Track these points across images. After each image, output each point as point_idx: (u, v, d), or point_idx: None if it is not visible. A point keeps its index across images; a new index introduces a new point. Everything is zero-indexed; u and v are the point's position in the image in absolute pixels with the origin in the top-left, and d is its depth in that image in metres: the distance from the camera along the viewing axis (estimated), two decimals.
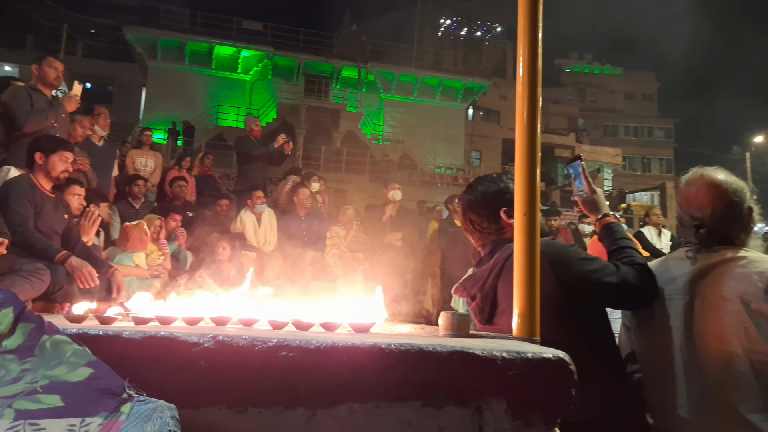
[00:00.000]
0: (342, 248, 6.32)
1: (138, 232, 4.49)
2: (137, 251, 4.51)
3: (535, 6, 1.40)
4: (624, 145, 33.92)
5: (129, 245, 4.48)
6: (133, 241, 4.46)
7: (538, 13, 1.40)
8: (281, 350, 0.94)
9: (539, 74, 1.38)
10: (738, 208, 1.62)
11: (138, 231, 4.50)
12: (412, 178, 20.71)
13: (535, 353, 1.02)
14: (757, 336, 1.44)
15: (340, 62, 24.64)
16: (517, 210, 1.33)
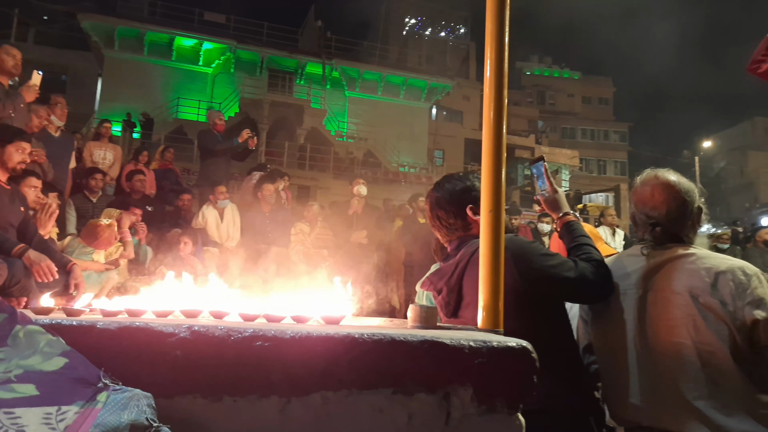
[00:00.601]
0: (306, 245, 6.31)
1: (109, 233, 4.36)
2: (102, 249, 4.38)
3: (502, 11, 1.45)
4: (581, 148, 34.88)
5: (96, 244, 4.34)
6: (101, 241, 4.33)
7: (505, 18, 1.45)
8: (256, 340, 0.96)
9: (505, 77, 1.44)
10: (689, 207, 1.72)
11: (109, 232, 4.37)
12: (376, 176, 20.76)
13: (500, 342, 1.07)
14: (704, 328, 1.53)
15: (305, 58, 24.44)
16: (483, 207, 1.39)
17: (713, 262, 1.60)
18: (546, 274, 1.62)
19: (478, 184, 1.77)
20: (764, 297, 1.53)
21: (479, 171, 1.53)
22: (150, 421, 0.82)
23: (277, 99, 22.93)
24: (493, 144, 1.38)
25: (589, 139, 38.94)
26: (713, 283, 1.55)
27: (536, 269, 1.62)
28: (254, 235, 6.06)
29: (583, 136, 39.06)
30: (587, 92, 41.51)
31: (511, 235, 1.68)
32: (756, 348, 1.52)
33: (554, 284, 1.63)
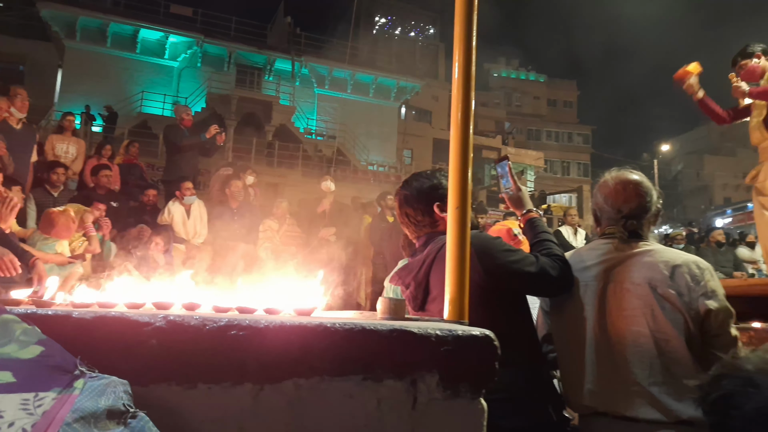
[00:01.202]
0: (275, 242, 6.29)
1: (65, 219, 4.26)
2: (62, 239, 4.28)
3: (470, 14, 1.50)
4: (546, 149, 35.60)
5: (54, 232, 4.24)
6: (58, 228, 4.23)
7: (473, 21, 1.51)
8: (231, 329, 0.99)
9: (473, 79, 1.50)
10: (650, 206, 1.83)
11: (65, 218, 4.27)
12: (345, 174, 20.73)
13: (465, 331, 1.13)
14: (661, 317, 1.64)
15: (274, 54, 24.21)
16: (450, 204, 1.44)
17: (670, 256, 1.71)
18: (508, 269, 1.69)
19: (445, 182, 1.84)
20: (716, 289, 1.65)
21: (446, 169, 1.59)
22: (127, 406, 0.84)
23: (245, 95, 22.67)
24: (460, 143, 1.44)
25: (553, 141, 39.79)
26: (671, 275, 1.66)
27: (499, 264, 1.69)
28: (222, 232, 6.01)
29: (548, 138, 39.89)
30: (552, 95, 42.39)
31: (476, 232, 1.75)
32: (707, 336, 1.63)
33: (516, 278, 1.70)
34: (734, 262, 8.21)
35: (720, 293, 1.65)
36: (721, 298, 1.65)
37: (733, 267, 8.05)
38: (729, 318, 1.65)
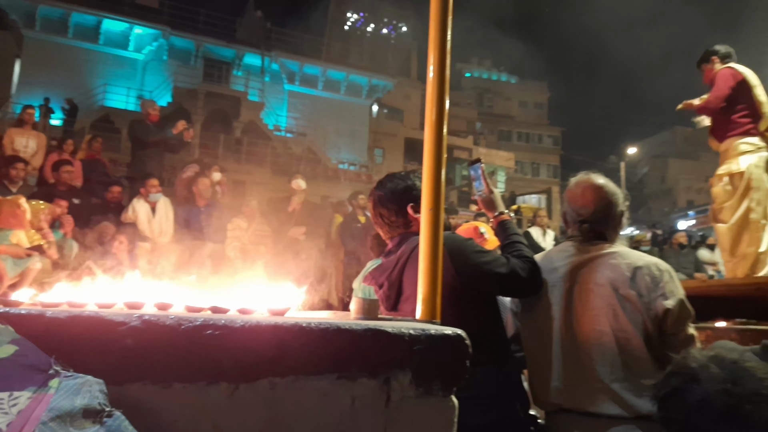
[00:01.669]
0: (243, 241, 6.23)
1: (9, 206, 4.10)
2: (11, 228, 4.12)
3: (444, 16, 1.53)
4: (516, 150, 36.12)
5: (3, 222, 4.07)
6: (4, 216, 4.06)
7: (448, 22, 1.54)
8: (207, 329, 1.00)
9: (447, 82, 1.53)
10: (614, 210, 1.90)
11: (10, 205, 4.11)
12: (315, 172, 20.63)
13: (438, 330, 1.16)
14: (622, 316, 1.72)
15: (243, 48, 23.89)
16: (423, 205, 1.47)
17: (632, 258, 1.79)
18: (480, 270, 1.73)
19: (419, 183, 1.87)
20: (674, 290, 1.73)
21: (420, 170, 1.62)
22: (103, 405, 0.84)
23: (213, 89, 22.32)
24: (434, 146, 1.47)
25: (524, 142, 40.39)
26: (632, 276, 1.74)
27: (471, 265, 1.73)
28: (188, 231, 5.92)
29: (519, 139, 40.47)
30: (523, 96, 42.98)
31: (449, 233, 1.79)
32: (664, 335, 1.71)
33: (487, 279, 1.74)
34: (695, 263, 8.52)
35: (678, 294, 1.73)
36: (679, 299, 1.72)
37: (694, 268, 8.35)
38: (686, 317, 1.73)
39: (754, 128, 3.73)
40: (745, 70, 3.86)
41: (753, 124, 3.73)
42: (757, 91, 3.77)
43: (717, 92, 3.86)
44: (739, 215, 3.68)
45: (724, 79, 3.85)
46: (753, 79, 3.81)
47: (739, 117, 3.80)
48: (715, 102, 3.87)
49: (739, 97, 3.81)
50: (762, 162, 3.66)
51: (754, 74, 3.86)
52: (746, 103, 3.78)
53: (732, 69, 3.89)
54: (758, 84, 3.81)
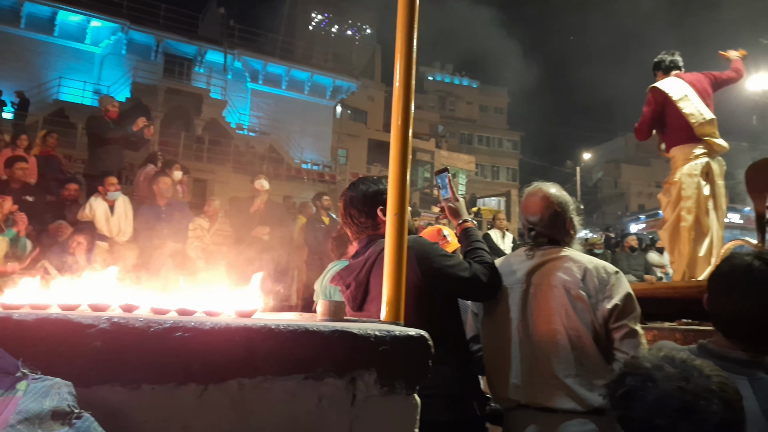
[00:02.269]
0: (205, 241, 6.14)
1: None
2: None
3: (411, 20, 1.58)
4: (477, 154, 36.72)
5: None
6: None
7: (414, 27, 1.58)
8: (176, 331, 1.01)
9: (412, 91, 1.58)
10: (562, 217, 2.02)
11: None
12: (278, 171, 20.44)
13: (402, 331, 1.20)
14: (574, 316, 1.83)
15: (205, 45, 23.46)
16: (389, 210, 1.52)
17: (583, 261, 1.90)
18: (444, 273, 1.80)
19: None
20: (619, 290, 1.84)
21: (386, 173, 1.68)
22: (71, 407, 0.84)
23: (174, 86, 21.84)
24: (399, 155, 1.51)
25: (484, 145, 41.08)
26: (582, 278, 1.86)
27: (436, 268, 1.80)
28: (148, 230, 5.80)
29: (480, 143, 41.13)
30: (484, 101, 43.71)
31: (415, 236, 1.86)
32: (610, 332, 1.83)
33: (451, 282, 1.81)
34: (645, 266, 8.87)
35: (622, 293, 1.84)
36: (624, 297, 1.83)
37: (644, 270, 8.70)
38: (629, 312, 1.83)
39: (690, 137, 3.88)
40: (668, 87, 3.97)
41: (687, 134, 3.88)
42: (682, 104, 3.88)
43: (642, 118, 4.08)
44: (671, 222, 3.88)
45: (647, 105, 4.05)
46: (676, 94, 3.92)
47: (675, 129, 3.96)
48: (642, 127, 4.09)
49: (669, 111, 3.96)
50: (696, 170, 3.80)
51: (680, 86, 3.97)
52: (675, 117, 3.93)
53: (653, 90, 4.03)
54: (682, 97, 3.91)
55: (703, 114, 3.87)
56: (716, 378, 1.12)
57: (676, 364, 1.16)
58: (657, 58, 4.26)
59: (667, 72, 4.16)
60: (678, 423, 1.09)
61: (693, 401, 1.09)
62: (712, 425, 1.07)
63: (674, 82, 4.02)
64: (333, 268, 2.67)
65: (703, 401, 1.08)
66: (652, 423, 1.13)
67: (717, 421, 1.07)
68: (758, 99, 21.53)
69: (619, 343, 1.80)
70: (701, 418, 1.08)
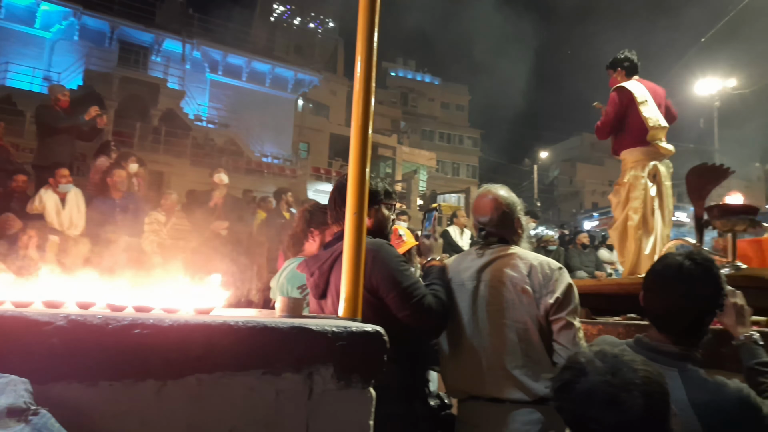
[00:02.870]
0: (162, 235, 6.02)
1: None
2: None
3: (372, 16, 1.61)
4: (438, 150, 37.06)
5: None
6: None
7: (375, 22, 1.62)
8: (135, 328, 1.03)
9: (372, 96, 1.62)
10: (510, 217, 2.11)
11: None
12: (238, 165, 20.13)
13: (358, 327, 1.25)
14: (521, 310, 1.92)
15: (163, 33, 22.84)
16: (348, 209, 1.55)
17: (529, 258, 2.00)
18: (397, 289, 1.85)
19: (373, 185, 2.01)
20: (561, 285, 1.94)
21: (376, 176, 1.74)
22: (28, 404, 0.85)
23: (129, 75, 21.17)
24: (359, 157, 1.55)
25: (445, 142, 41.52)
26: (528, 274, 1.96)
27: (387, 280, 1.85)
28: (102, 224, 5.64)
29: (441, 140, 41.54)
30: (446, 98, 44.12)
31: (383, 241, 1.92)
32: (551, 325, 1.93)
33: (400, 300, 1.85)
34: (596, 262, 9.19)
35: (564, 288, 1.93)
36: (565, 292, 1.93)
37: (595, 267, 9.01)
38: (567, 304, 1.92)
39: (641, 141, 4.06)
40: (634, 88, 4.11)
41: (640, 138, 4.05)
42: (643, 107, 4.04)
43: (605, 118, 4.18)
44: (620, 222, 4.07)
45: (612, 104, 4.15)
46: (641, 96, 4.08)
47: (630, 131, 4.11)
48: (604, 126, 4.21)
49: (628, 115, 4.10)
50: (644, 173, 3.98)
51: (643, 90, 4.13)
52: (634, 119, 4.08)
53: (620, 90, 4.16)
54: (646, 100, 4.07)
55: (659, 120, 4.04)
56: (642, 372, 1.22)
57: (607, 359, 1.25)
58: (620, 56, 4.32)
59: (630, 73, 4.28)
60: (604, 413, 1.19)
61: (617, 393, 1.19)
62: (634, 415, 1.17)
63: (638, 85, 4.15)
64: (290, 266, 2.69)
65: (626, 393, 1.18)
66: (582, 413, 1.22)
67: (639, 411, 1.17)
68: (704, 103, 22.57)
69: (557, 335, 1.90)
70: (624, 409, 1.17)
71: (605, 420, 1.18)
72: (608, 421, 1.18)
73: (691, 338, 1.62)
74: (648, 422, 1.18)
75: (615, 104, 4.13)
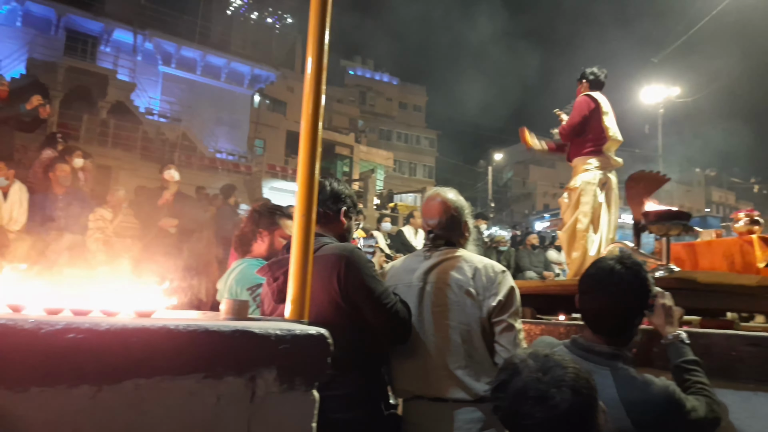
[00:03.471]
0: (107, 233, 5.83)
1: None
2: None
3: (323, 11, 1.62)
4: (395, 150, 37.28)
5: None
6: None
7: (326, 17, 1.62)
8: (69, 332, 1.00)
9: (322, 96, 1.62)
10: (458, 220, 2.16)
11: None
12: (191, 160, 19.66)
13: (302, 330, 1.25)
14: (464, 311, 1.97)
15: (113, 23, 22.04)
16: (296, 210, 1.56)
17: (474, 261, 2.06)
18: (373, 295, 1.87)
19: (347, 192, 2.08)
20: (504, 288, 2.00)
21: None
22: None
23: (76, 65, 20.33)
24: (308, 159, 1.55)
25: (403, 142, 41.76)
26: (472, 276, 2.01)
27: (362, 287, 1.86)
28: (43, 220, 5.41)
29: (398, 139, 41.75)
30: (403, 98, 44.37)
31: (355, 247, 1.96)
32: (493, 326, 1.99)
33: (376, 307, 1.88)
34: (545, 263, 9.47)
35: (506, 291, 2.00)
36: (507, 294, 1.99)
37: (544, 267, 9.29)
38: (509, 307, 1.99)
39: (596, 150, 4.27)
40: (600, 98, 4.35)
41: (595, 147, 4.27)
42: (605, 117, 4.28)
43: (571, 120, 4.36)
44: (570, 224, 4.25)
45: (578, 109, 4.34)
46: (605, 107, 4.32)
47: (586, 139, 4.32)
48: (568, 129, 4.38)
49: (591, 122, 4.31)
50: (594, 180, 4.20)
51: (607, 101, 4.38)
52: (595, 127, 4.30)
53: (587, 98, 4.36)
54: (608, 111, 4.32)
55: (616, 133, 4.30)
56: (571, 370, 1.29)
57: (539, 359, 1.32)
58: (588, 70, 4.54)
59: (593, 87, 4.49)
60: (535, 409, 1.25)
61: (547, 390, 1.25)
62: (561, 411, 1.24)
63: (603, 97, 4.40)
64: (237, 267, 2.66)
65: (556, 390, 1.25)
66: (515, 410, 1.28)
67: (566, 407, 1.24)
68: (650, 110, 23.61)
69: (499, 336, 1.96)
70: (554, 404, 1.24)
71: (536, 415, 1.25)
72: (539, 416, 1.24)
73: (621, 338, 1.71)
74: (576, 417, 1.25)
75: (582, 110, 4.31)
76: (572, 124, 4.34)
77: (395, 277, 2.17)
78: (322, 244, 1.91)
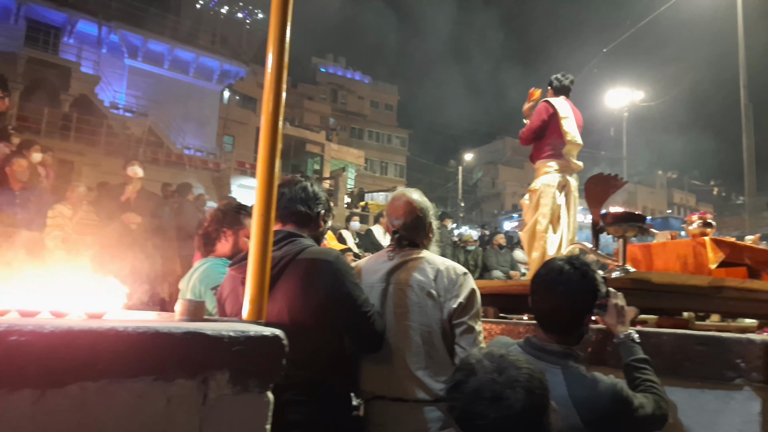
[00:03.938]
0: (67, 230, 5.66)
1: None
2: None
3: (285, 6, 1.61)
4: (367, 149, 37.27)
5: None
6: None
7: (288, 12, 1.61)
8: (11, 335, 0.97)
9: (283, 95, 1.61)
10: (423, 221, 2.17)
11: None
12: (157, 156, 19.26)
13: (257, 332, 1.25)
14: (426, 313, 1.99)
15: (76, 14, 21.41)
16: (255, 210, 1.54)
17: (436, 263, 2.07)
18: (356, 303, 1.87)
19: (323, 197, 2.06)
20: (465, 291, 2.03)
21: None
22: None
23: (37, 56, 19.72)
24: (268, 159, 1.55)
25: (374, 141, 41.80)
26: (434, 278, 2.02)
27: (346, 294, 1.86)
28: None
29: (370, 138, 41.77)
30: (375, 97, 44.41)
31: (339, 252, 1.95)
32: (454, 328, 2.01)
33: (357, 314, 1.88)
34: (511, 262, 9.62)
35: (467, 293, 2.02)
36: (468, 296, 2.02)
37: (510, 267, 9.44)
38: (469, 310, 2.02)
39: (555, 153, 4.39)
40: (559, 104, 4.45)
41: (555, 150, 4.39)
42: (564, 122, 4.39)
43: (530, 125, 4.49)
44: (530, 225, 4.35)
45: (537, 114, 4.47)
46: (563, 112, 4.42)
47: (547, 143, 4.44)
48: (527, 133, 4.50)
49: (551, 126, 4.42)
50: (554, 182, 4.32)
51: (567, 107, 4.48)
52: (555, 131, 4.41)
53: (545, 104, 4.48)
54: (568, 116, 4.42)
55: (575, 137, 4.40)
56: (525, 370, 1.32)
57: (494, 359, 1.34)
58: (555, 78, 4.65)
59: (558, 93, 4.60)
60: (488, 409, 1.27)
61: (502, 390, 1.27)
62: (516, 410, 1.26)
63: (562, 102, 4.51)
64: (201, 267, 2.62)
65: (510, 389, 1.27)
66: (470, 410, 1.30)
67: (520, 406, 1.26)
68: (615, 113, 24.20)
69: (459, 338, 1.99)
70: (508, 404, 1.26)
71: (490, 415, 1.27)
72: (493, 416, 1.26)
73: (572, 337, 1.75)
74: (528, 416, 1.28)
75: (540, 115, 4.42)
76: (531, 128, 4.47)
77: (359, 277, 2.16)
78: (304, 246, 1.89)
